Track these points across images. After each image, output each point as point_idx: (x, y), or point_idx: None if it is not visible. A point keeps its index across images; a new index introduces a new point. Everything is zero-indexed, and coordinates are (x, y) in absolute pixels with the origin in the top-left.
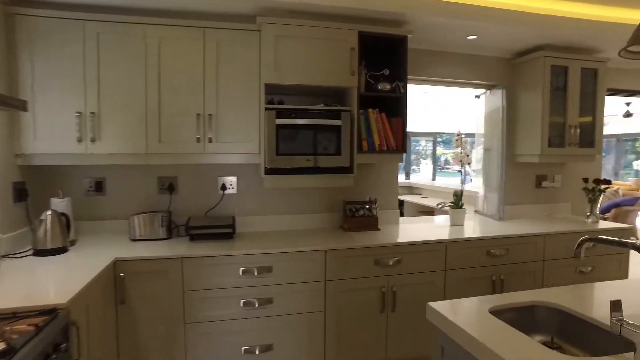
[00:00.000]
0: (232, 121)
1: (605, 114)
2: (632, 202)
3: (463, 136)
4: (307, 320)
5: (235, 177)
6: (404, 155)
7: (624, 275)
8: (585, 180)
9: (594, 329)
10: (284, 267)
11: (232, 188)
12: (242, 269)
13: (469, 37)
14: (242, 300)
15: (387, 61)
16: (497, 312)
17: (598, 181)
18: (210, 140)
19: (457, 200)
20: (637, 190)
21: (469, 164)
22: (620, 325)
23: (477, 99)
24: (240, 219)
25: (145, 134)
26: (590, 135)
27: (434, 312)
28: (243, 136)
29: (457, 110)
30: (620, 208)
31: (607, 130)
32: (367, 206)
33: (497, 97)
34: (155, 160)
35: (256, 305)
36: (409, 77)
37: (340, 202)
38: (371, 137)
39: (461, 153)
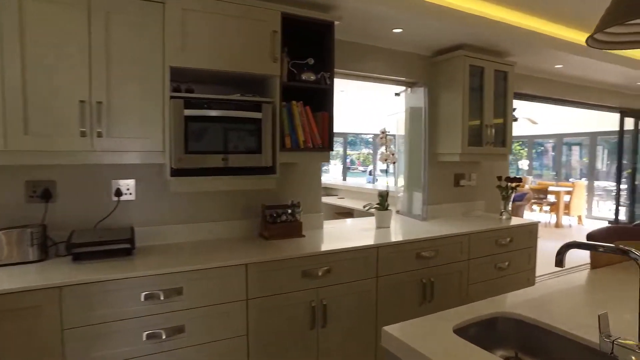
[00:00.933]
0: (129, 111)
1: None
2: (521, 197)
3: (388, 133)
4: (227, 347)
5: (134, 180)
6: (331, 153)
7: (533, 267)
8: (499, 178)
9: (555, 337)
10: (197, 287)
11: (130, 193)
12: (144, 293)
13: (395, 30)
14: (146, 333)
15: (311, 50)
16: (461, 330)
17: (509, 179)
18: (99, 135)
19: (383, 201)
20: (523, 187)
21: (394, 162)
22: (613, 343)
23: (397, 96)
24: (141, 230)
25: (3, 125)
26: (502, 135)
27: (391, 338)
28: (143, 130)
29: (366, 111)
30: (513, 203)
31: None
32: (290, 210)
33: (418, 95)
34: (20, 159)
35: (164, 337)
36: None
37: (258, 207)
38: (295, 133)
39: (386, 151)
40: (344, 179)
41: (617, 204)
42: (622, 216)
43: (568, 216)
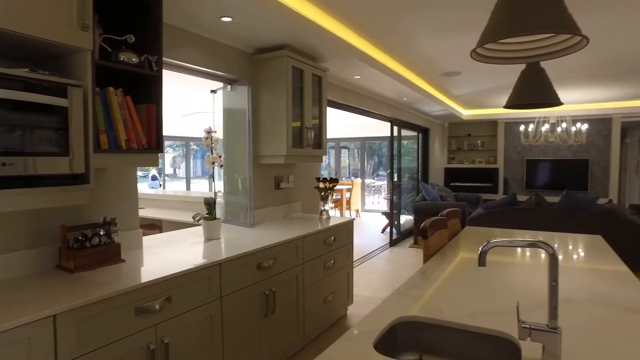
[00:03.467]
0: None
1: None
2: None
3: (214, 133)
4: None
5: None
6: (160, 156)
7: (352, 262)
8: (318, 179)
9: (451, 331)
10: None
11: None
12: None
13: (223, 19)
14: None
15: (128, 25)
16: (377, 345)
17: (326, 180)
18: None
19: (211, 210)
20: None
21: (222, 166)
22: (530, 329)
23: (213, 93)
24: None
25: None
26: (318, 137)
27: None
28: None
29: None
30: None
31: None
32: (103, 231)
33: (238, 94)
34: None
35: None
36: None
37: (54, 229)
38: (113, 130)
39: (212, 153)
40: None
41: (392, 197)
42: (385, 206)
43: (349, 210)
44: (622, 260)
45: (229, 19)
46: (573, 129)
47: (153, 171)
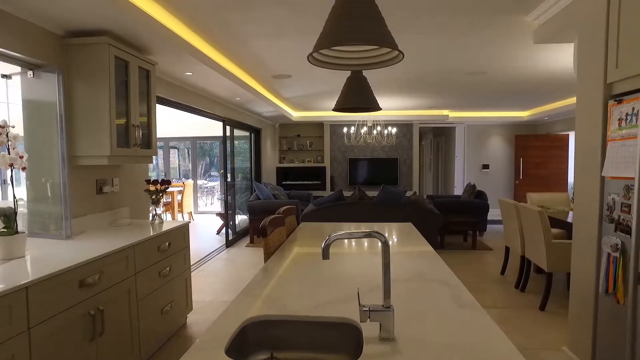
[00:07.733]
0: None
1: None
2: None
3: (11, 129)
4: None
5: None
6: None
7: (189, 267)
8: (148, 181)
9: (299, 325)
10: None
11: None
12: None
13: None
14: None
15: None
16: (228, 351)
17: (157, 182)
18: None
19: (11, 223)
20: None
21: (24, 168)
22: (369, 311)
23: (6, 79)
24: None
25: None
26: (147, 137)
27: None
28: None
29: None
30: None
31: None
32: None
33: (45, 83)
34: None
35: None
36: None
37: None
38: None
39: (10, 153)
40: None
41: (226, 198)
42: (219, 207)
43: (181, 213)
44: (427, 241)
45: None
46: (385, 132)
47: None
